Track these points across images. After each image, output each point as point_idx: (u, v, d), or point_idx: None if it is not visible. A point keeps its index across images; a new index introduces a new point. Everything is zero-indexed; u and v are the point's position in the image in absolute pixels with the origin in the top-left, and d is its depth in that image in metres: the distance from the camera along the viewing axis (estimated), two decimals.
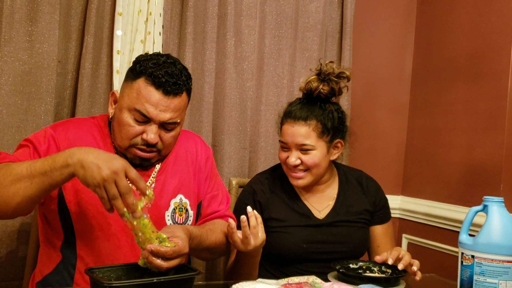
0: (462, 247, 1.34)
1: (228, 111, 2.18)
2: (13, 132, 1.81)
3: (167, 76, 1.38)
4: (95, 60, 1.93)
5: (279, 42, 2.29)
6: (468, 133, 2.19)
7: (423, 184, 2.46)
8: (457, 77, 2.28)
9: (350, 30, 2.37)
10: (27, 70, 1.84)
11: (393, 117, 2.59)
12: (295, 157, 1.64)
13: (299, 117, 1.64)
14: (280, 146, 1.70)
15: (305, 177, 1.66)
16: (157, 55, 1.44)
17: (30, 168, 1.20)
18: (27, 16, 1.84)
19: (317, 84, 1.65)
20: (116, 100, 1.47)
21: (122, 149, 1.44)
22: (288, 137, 1.65)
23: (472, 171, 2.16)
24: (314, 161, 1.64)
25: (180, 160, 1.56)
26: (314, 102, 1.67)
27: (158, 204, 1.47)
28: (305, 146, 1.63)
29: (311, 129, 1.63)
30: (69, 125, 1.48)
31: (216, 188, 1.64)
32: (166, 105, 1.38)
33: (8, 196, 1.21)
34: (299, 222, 1.68)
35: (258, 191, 1.72)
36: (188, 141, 1.62)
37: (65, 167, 1.18)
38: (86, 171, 1.15)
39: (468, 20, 2.25)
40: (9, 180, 1.21)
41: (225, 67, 2.17)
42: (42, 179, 1.19)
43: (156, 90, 1.37)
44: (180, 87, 1.40)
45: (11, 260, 1.82)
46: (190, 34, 2.11)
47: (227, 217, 1.61)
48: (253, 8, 2.20)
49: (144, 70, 1.39)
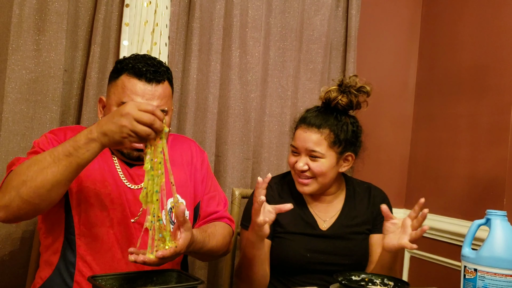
0: (465, 260, 1.34)
1: (232, 121, 2.19)
2: (18, 140, 1.83)
3: (147, 66, 1.46)
4: (101, 69, 1.95)
5: (283, 54, 2.31)
6: (472, 147, 2.19)
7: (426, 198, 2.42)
8: (461, 91, 2.29)
9: (354, 43, 2.39)
10: (34, 79, 1.86)
11: (397, 130, 2.60)
12: (303, 162, 1.65)
13: (313, 123, 1.66)
14: (291, 150, 1.71)
15: (311, 184, 1.67)
16: (135, 54, 1.53)
17: (53, 154, 1.23)
18: (35, 25, 1.86)
19: (336, 95, 1.68)
20: (104, 105, 1.53)
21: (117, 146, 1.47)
22: (300, 142, 1.66)
23: (475, 185, 2.16)
24: (321, 169, 1.64)
25: (176, 162, 1.59)
26: (330, 112, 1.69)
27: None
28: (315, 153, 1.64)
29: (323, 137, 1.65)
30: (65, 130, 1.53)
31: (213, 189, 1.67)
32: (151, 93, 1.45)
33: (37, 186, 1.22)
34: (303, 230, 1.68)
35: (269, 194, 1.72)
36: (183, 145, 1.66)
37: (89, 142, 1.21)
38: (108, 135, 1.20)
39: (472, 34, 2.26)
40: (35, 170, 1.22)
41: (230, 78, 2.19)
42: (69, 160, 1.22)
43: (139, 80, 1.45)
44: (161, 74, 1.48)
45: (13, 267, 1.82)
46: (195, 45, 2.13)
47: (225, 219, 1.63)
48: (258, 20, 2.23)
49: (125, 66, 1.47)
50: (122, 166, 1.52)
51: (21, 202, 1.23)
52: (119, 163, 1.52)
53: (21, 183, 1.23)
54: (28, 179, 1.22)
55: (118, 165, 1.51)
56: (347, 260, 1.65)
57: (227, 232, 1.61)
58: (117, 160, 1.52)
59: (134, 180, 1.51)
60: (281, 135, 2.29)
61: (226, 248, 1.59)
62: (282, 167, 2.26)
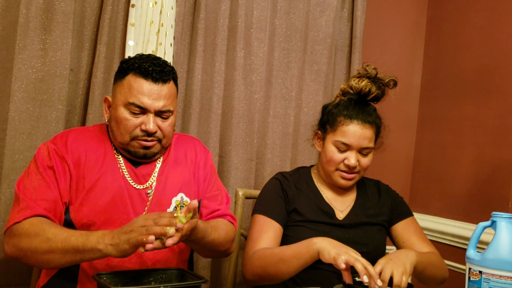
0: (469, 262, 1.34)
1: (236, 122, 2.19)
2: (24, 138, 1.83)
3: (153, 65, 1.47)
4: (107, 69, 1.96)
5: (288, 55, 2.31)
6: (477, 149, 2.19)
7: (430, 200, 2.45)
8: (466, 93, 2.28)
9: (359, 44, 2.39)
10: (40, 78, 1.87)
11: (402, 132, 2.60)
12: (355, 158, 1.66)
13: (366, 120, 1.66)
14: (335, 146, 1.67)
15: (355, 178, 1.70)
16: (140, 54, 1.54)
17: (65, 245, 1.29)
18: (41, 25, 1.87)
19: (374, 88, 1.68)
20: (110, 104, 1.54)
21: (124, 144, 1.49)
22: (355, 139, 1.64)
23: (480, 187, 2.15)
24: (368, 164, 1.69)
25: (180, 161, 1.61)
26: (366, 104, 1.71)
27: (160, 202, 1.52)
28: (367, 150, 1.67)
29: (373, 132, 1.68)
30: (67, 136, 1.53)
31: (216, 188, 1.67)
32: (158, 92, 1.46)
33: (42, 262, 1.34)
34: (322, 219, 1.68)
35: (285, 183, 1.74)
36: (187, 144, 1.67)
37: (98, 251, 1.26)
38: (119, 250, 1.23)
39: (477, 36, 2.26)
40: (44, 249, 1.31)
41: (234, 78, 2.19)
42: (75, 254, 1.29)
43: (145, 79, 1.46)
44: (167, 74, 1.49)
45: (18, 265, 1.83)
46: (200, 45, 2.13)
47: (228, 216, 1.64)
48: (263, 21, 2.23)
49: (131, 66, 1.48)
50: (127, 165, 1.52)
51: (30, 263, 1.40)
52: (124, 163, 1.52)
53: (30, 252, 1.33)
54: (37, 254, 1.32)
55: (123, 165, 1.52)
56: (364, 249, 1.64)
57: (229, 228, 1.61)
58: (122, 160, 1.53)
59: (139, 180, 1.52)
60: (285, 136, 2.29)
61: (228, 245, 1.58)
62: (285, 168, 2.26)
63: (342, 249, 1.40)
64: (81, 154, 1.49)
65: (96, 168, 1.48)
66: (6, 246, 1.38)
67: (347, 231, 1.69)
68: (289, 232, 1.66)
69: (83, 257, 1.28)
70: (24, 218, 1.36)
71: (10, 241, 1.37)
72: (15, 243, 1.35)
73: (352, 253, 1.38)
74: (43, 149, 1.49)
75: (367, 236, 1.69)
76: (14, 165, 1.80)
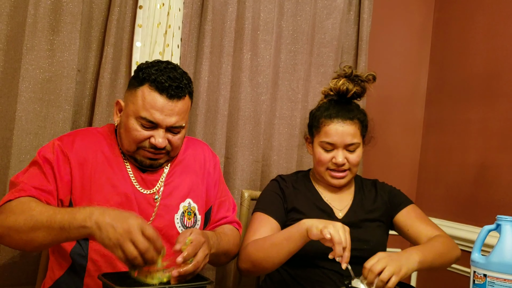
0: (474, 265, 1.34)
1: (242, 124, 2.20)
2: (31, 138, 1.85)
3: (170, 80, 1.43)
4: (114, 70, 1.97)
5: (294, 57, 2.31)
6: (482, 153, 2.18)
7: (436, 203, 2.44)
8: (472, 96, 2.28)
9: (366, 47, 2.39)
10: (47, 78, 1.88)
11: (407, 135, 2.59)
12: (343, 156, 1.69)
13: (346, 117, 1.69)
14: (322, 147, 1.72)
15: (346, 176, 1.72)
16: (158, 61, 1.49)
17: (50, 220, 1.24)
18: (49, 25, 1.88)
19: (350, 86, 1.72)
20: (121, 108, 1.51)
21: (131, 152, 1.48)
22: (337, 137, 1.68)
23: (485, 190, 2.15)
24: (358, 160, 1.71)
25: (189, 165, 1.60)
26: (349, 103, 1.75)
27: (167, 207, 1.51)
28: (353, 145, 1.69)
29: (357, 128, 1.70)
30: (75, 136, 1.52)
31: (224, 194, 1.69)
32: (171, 109, 1.43)
33: (26, 240, 1.27)
34: (321, 217, 1.68)
35: (282, 183, 1.77)
36: (196, 148, 1.66)
37: (82, 227, 1.20)
38: (102, 232, 1.17)
39: (484, 40, 2.25)
40: (29, 226, 1.25)
41: (241, 80, 2.19)
42: (60, 232, 1.23)
43: (160, 95, 1.42)
44: (183, 90, 1.45)
45: (23, 265, 1.84)
46: (207, 47, 2.14)
47: (234, 223, 1.66)
48: (270, 23, 2.24)
49: (147, 77, 1.43)
50: (135, 171, 1.51)
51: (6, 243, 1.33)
52: (131, 168, 1.51)
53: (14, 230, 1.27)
54: (22, 232, 1.26)
55: (130, 170, 1.51)
56: (365, 245, 1.65)
57: (236, 234, 1.63)
58: (129, 165, 1.52)
59: (146, 185, 1.51)
60: (291, 138, 2.30)
61: (237, 249, 1.60)
62: (291, 170, 2.26)
63: (328, 224, 1.38)
64: (88, 155, 1.47)
65: (104, 170, 1.47)
66: None
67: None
68: None
69: (68, 236, 1.23)
70: (16, 198, 1.34)
71: None
72: (1, 221, 1.30)
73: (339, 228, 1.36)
74: (47, 145, 1.48)
75: (367, 233, 1.70)
76: (20, 165, 1.81)
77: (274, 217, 1.67)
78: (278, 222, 1.67)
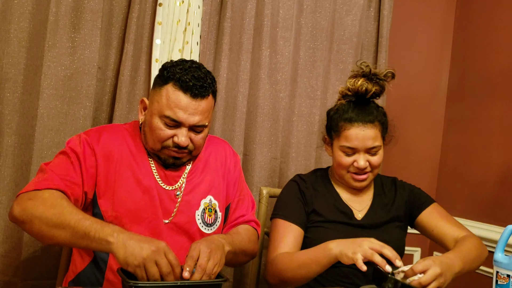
0: (497, 265, 1.32)
1: (261, 121, 2.20)
2: (52, 134, 1.87)
3: (194, 80, 1.44)
4: (134, 67, 1.98)
5: (313, 54, 2.30)
6: (504, 151, 2.15)
7: (456, 202, 2.41)
8: (494, 94, 2.24)
9: (386, 44, 2.37)
10: (69, 75, 1.90)
11: (428, 133, 2.56)
12: (364, 160, 1.65)
13: (367, 120, 1.64)
14: (342, 151, 1.67)
15: (368, 178, 1.69)
16: (182, 61, 1.50)
17: (78, 223, 1.25)
18: (70, 23, 1.90)
19: (369, 86, 1.66)
20: (145, 107, 1.53)
21: (155, 151, 1.50)
22: (358, 142, 1.64)
23: (507, 189, 2.11)
24: (379, 161, 1.68)
25: (210, 163, 1.61)
26: (367, 103, 1.69)
27: (189, 203, 1.52)
28: (375, 149, 1.65)
29: (378, 130, 1.66)
30: (101, 131, 1.54)
31: (244, 193, 1.68)
32: (195, 108, 1.44)
33: (46, 234, 1.29)
34: (341, 219, 1.68)
35: (302, 185, 1.74)
36: (217, 146, 1.67)
37: (106, 241, 1.22)
38: (127, 250, 1.19)
39: (506, 36, 2.21)
40: (55, 222, 1.27)
41: (259, 77, 2.19)
42: (82, 238, 1.25)
43: (184, 94, 1.43)
44: (207, 89, 1.46)
45: (45, 259, 1.87)
46: (226, 44, 2.14)
47: (252, 222, 1.65)
48: (289, 20, 2.23)
49: (172, 76, 1.45)
50: (158, 167, 1.53)
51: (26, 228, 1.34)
52: (155, 164, 1.53)
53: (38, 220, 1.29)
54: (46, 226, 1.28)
55: (153, 166, 1.53)
56: None
57: (251, 232, 1.62)
58: (153, 162, 1.53)
59: (169, 181, 1.53)
60: (310, 135, 2.29)
61: (255, 247, 1.60)
62: (310, 167, 2.25)
63: (355, 246, 1.38)
64: (113, 149, 1.49)
65: (129, 165, 1.49)
66: (16, 207, 1.34)
67: (367, 231, 1.67)
68: (309, 234, 1.66)
69: (89, 243, 1.24)
70: (45, 188, 1.36)
71: (23, 203, 1.33)
72: (27, 207, 1.31)
73: (366, 247, 1.36)
74: (75, 138, 1.50)
75: (386, 234, 1.67)
76: (42, 161, 1.82)
77: (297, 224, 1.65)
78: (301, 227, 1.66)
